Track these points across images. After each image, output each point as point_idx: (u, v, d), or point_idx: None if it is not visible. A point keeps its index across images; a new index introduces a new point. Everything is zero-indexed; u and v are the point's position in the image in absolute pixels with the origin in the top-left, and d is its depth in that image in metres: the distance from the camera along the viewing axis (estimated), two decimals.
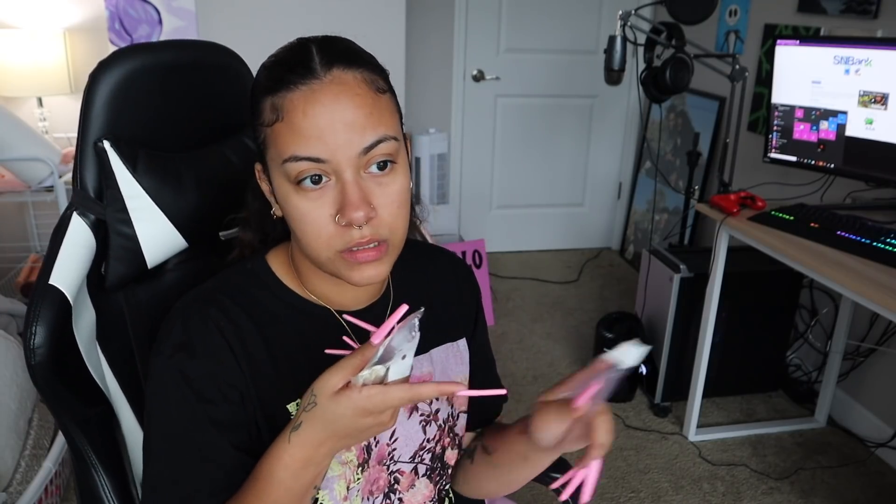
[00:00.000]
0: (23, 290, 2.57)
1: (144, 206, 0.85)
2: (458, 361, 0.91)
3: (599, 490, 2.08)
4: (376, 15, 2.94)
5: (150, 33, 2.78)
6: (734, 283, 2.21)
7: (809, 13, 2.54)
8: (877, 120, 1.86)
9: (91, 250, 0.84)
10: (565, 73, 3.69)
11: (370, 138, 0.67)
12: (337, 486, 0.79)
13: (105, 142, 0.82)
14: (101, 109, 0.83)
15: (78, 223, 0.83)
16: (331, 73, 0.67)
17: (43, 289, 0.78)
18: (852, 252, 1.70)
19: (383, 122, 0.69)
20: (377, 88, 0.70)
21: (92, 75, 0.84)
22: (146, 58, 0.87)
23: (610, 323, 2.52)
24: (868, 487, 2.12)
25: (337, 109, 0.66)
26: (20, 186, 2.36)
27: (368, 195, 0.68)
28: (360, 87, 0.68)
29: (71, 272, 0.81)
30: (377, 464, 0.82)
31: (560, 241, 4.03)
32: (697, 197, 3.14)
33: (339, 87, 0.67)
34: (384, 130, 0.68)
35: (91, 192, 0.84)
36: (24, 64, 2.54)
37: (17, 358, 1.82)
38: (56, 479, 1.83)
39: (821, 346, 2.52)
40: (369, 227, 0.69)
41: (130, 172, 0.84)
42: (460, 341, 0.92)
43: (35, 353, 0.77)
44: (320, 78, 0.67)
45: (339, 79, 0.67)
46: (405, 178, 0.72)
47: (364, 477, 0.81)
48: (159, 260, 0.90)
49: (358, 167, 0.68)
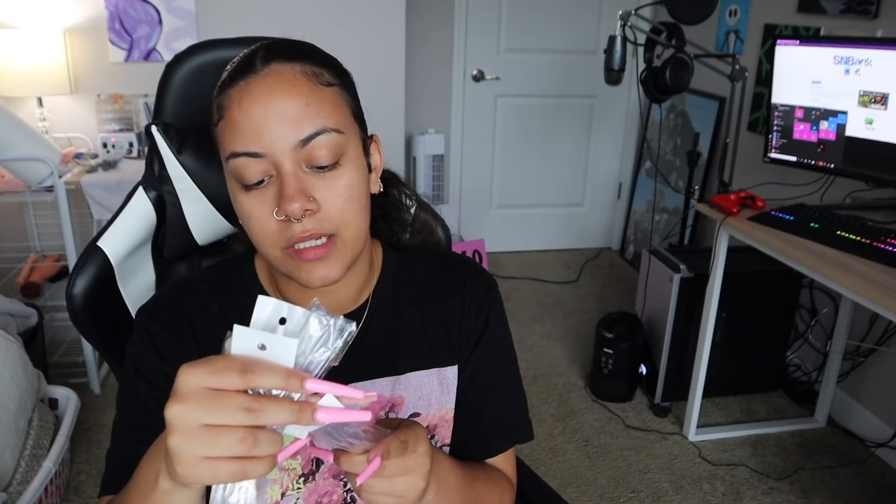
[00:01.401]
0: (23, 290, 2.57)
1: (189, 188, 0.91)
2: (443, 390, 0.83)
3: (599, 490, 2.08)
4: (376, 15, 2.94)
5: (150, 33, 2.78)
6: (734, 283, 2.21)
7: (809, 13, 2.54)
8: (877, 120, 1.86)
9: (150, 222, 0.94)
10: (565, 73, 3.69)
11: (307, 130, 0.66)
12: (269, 490, 0.77)
13: (154, 127, 0.89)
14: (170, 97, 0.93)
15: (141, 196, 0.93)
16: (268, 66, 0.67)
17: (90, 247, 0.89)
18: (852, 252, 1.70)
19: (322, 114, 0.67)
20: (320, 81, 0.68)
21: (167, 66, 0.93)
22: (218, 52, 0.93)
23: (610, 323, 2.52)
24: (868, 487, 2.12)
25: (270, 102, 0.65)
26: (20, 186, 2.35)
27: (309, 189, 0.66)
28: (298, 79, 0.67)
29: (121, 238, 0.91)
30: (331, 477, 0.79)
31: (560, 241, 4.03)
32: (697, 197, 3.14)
33: (273, 78, 0.66)
34: (322, 122, 0.66)
35: (156, 172, 0.93)
36: (24, 64, 2.54)
37: (17, 358, 1.82)
38: (56, 479, 1.83)
39: (821, 346, 2.52)
40: (312, 220, 0.67)
41: (175, 155, 0.89)
42: (449, 368, 0.83)
43: (73, 300, 0.87)
44: (257, 72, 0.67)
45: (276, 71, 0.66)
46: (356, 171, 0.70)
47: (308, 488, 0.78)
48: (209, 239, 0.95)
49: (297, 160, 0.66)
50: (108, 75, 2.78)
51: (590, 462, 2.21)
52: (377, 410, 0.80)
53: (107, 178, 2.42)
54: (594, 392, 2.56)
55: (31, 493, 1.66)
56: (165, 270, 0.98)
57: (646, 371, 2.55)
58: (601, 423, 2.41)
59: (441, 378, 0.83)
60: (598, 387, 2.55)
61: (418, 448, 0.63)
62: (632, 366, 2.51)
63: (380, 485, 0.61)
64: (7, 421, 1.70)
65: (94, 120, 2.79)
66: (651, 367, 2.54)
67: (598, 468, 2.18)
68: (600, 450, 2.27)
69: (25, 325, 2.28)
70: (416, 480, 0.63)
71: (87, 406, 2.33)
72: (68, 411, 2.00)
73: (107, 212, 2.39)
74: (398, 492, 0.62)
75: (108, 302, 0.90)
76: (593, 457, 2.24)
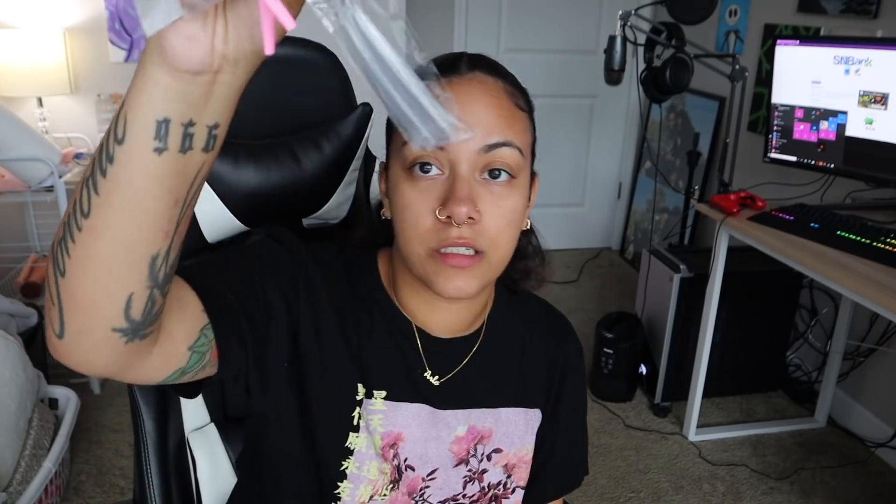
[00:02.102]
0: (23, 290, 2.57)
1: None
2: (527, 430, 0.85)
3: (599, 490, 2.08)
4: None
5: None
6: (734, 283, 2.21)
7: (809, 13, 2.54)
8: (877, 120, 1.86)
9: None
10: (565, 73, 3.69)
11: (495, 138, 0.66)
12: (363, 488, 0.77)
13: None
14: None
15: None
16: (473, 73, 0.68)
17: None
18: (852, 252, 1.70)
19: (513, 130, 0.67)
20: (516, 103, 0.70)
21: None
22: None
23: (610, 323, 2.52)
24: (868, 487, 2.12)
25: (469, 102, 0.66)
26: (20, 186, 2.36)
27: (477, 198, 0.66)
28: (499, 92, 0.68)
29: None
30: (406, 493, 0.80)
31: (560, 241, 4.02)
32: (697, 197, 3.14)
33: (478, 85, 0.67)
34: (512, 136, 0.67)
35: None
36: (24, 64, 2.54)
37: (17, 358, 1.82)
38: (56, 479, 1.83)
39: (821, 346, 2.52)
40: (470, 230, 0.66)
41: None
42: (534, 410, 0.85)
43: None
44: (462, 74, 0.68)
45: (480, 79, 0.68)
46: (522, 198, 0.70)
47: (391, 497, 0.79)
48: (220, 236, 0.94)
49: (475, 166, 0.66)
50: (108, 75, 2.78)
51: (590, 462, 2.21)
52: (469, 442, 0.81)
53: None
54: (594, 392, 2.56)
55: (30, 493, 1.66)
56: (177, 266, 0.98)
57: (646, 371, 2.55)
58: (601, 423, 2.41)
59: (527, 419, 0.84)
60: (598, 387, 2.55)
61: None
62: (632, 366, 2.51)
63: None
64: (7, 421, 1.70)
65: (94, 120, 2.79)
66: (651, 367, 2.54)
67: (598, 468, 2.18)
68: (600, 450, 2.27)
69: (25, 325, 2.28)
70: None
71: (87, 406, 2.33)
72: (68, 411, 2.00)
73: None
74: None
75: None
76: (593, 457, 2.23)
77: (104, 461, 2.12)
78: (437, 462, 0.80)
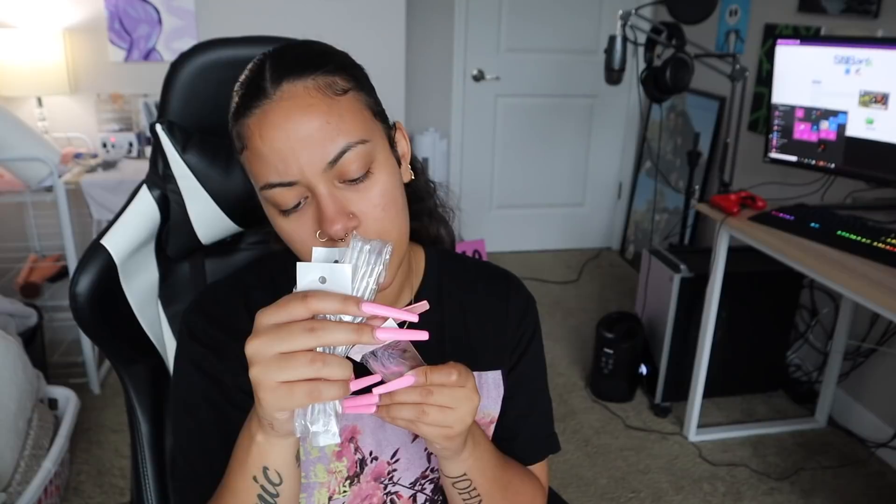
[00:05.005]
0: (23, 290, 2.56)
1: (193, 187, 0.90)
2: (485, 395, 0.84)
3: (600, 490, 2.08)
4: (376, 15, 2.94)
5: (150, 33, 2.78)
6: (734, 283, 2.21)
7: (810, 13, 2.54)
8: (877, 120, 1.86)
9: (153, 220, 0.94)
10: (565, 73, 3.69)
11: (333, 150, 0.64)
12: (317, 494, 0.78)
13: (158, 125, 0.89)
14: (175, 96, 0.92)
15: (145, 195, 0.94)
16: (280, 88, 0.65)
17: (94, 245, 0.90)
18: (852, 252, 1.70)
19: (344, 129, 0.65)
20: (335, 91, 0.66)
21: (172, 65, 0.93)
22: (224, 52, 0.93)
23: (610, 323, 2.52)
24: (868, 488, 2.12)
25: (289, 128, 0.64)
26: (20, 186, 2.35)
27: (346, 205, 0.66)
28: (313, 97, 0.65)
29: (124, 236, 0.91)
30: (373, 480, 0.80)
31: (560, 241, 4.02)
32: (697, 197, 3.14)
33: (288, 102, 0.64)
34: (346, 138, 0.65)
35: (160, 171, 0.93)
36: (24, 64, 2.54)
37: (17, 358, 1.82)
38: (56, 479, 1.83)
39: (821, 346, 2.52)
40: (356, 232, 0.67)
41: (179, 154, 0.89)
42: (491, 373, 0.85)
43: (77, 298, 0.87)
44: (270, 97, 0.65)
45: (289, 93, 0.65)
46: (388, 175, 0.69)
47: (353, 491, 0.79)
48: (213, 238, 0.96)
49: (329, 180, 0.65)
50: (108, 75, 2.78)
51: (590, 462, 2.21)
52: None
53: (106, 178, 2.41)
54: (594, 392, 2.56)
55: (30, 494, 1.66)
56: (169, 269, 0.98)
57: (646, 371, 2.55)
58: (601, 424, 2.40)
59: (484, 382, 0.84)
60: (598, 387, 2.55)
61: (467, 383, 0.65)
62: (632, 366, 2.50)
63: (433, 414, 0.63)
64: (7, 421, 1.69)
65: (94, 120, 2.79)
66: (651, 368, 2.54)
67: (598, 468, 2.18)
68: (600, 450, 2.27)
69: (25, 325, 2.28)
70: (464, 414, 0.64)
71: (87, 406, 2.33)
72: (68, 411, 2.00)
73: (106, 212, 2.39)
74: (447, 421, 0.64)
75: (111, 300, 0.90)
76: (593, 457, 2.23)
77: (104, 461, 2.12)
78: (396, 442, 0.80)
